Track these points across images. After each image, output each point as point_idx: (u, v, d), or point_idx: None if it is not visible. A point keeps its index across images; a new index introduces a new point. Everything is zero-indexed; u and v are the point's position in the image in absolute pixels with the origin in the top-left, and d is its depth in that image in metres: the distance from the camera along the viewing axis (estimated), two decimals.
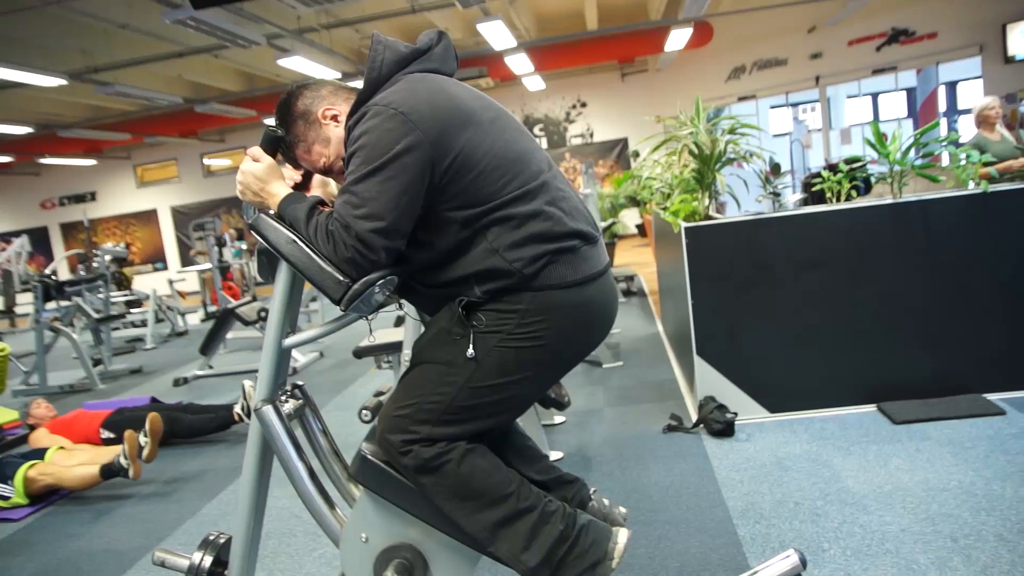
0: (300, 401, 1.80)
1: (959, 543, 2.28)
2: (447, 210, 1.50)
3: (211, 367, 6.41)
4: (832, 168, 3.79)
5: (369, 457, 1.61)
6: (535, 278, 1.50)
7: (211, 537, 1.85)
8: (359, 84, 1.59)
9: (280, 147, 1.63)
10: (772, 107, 15.58)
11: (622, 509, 1.82)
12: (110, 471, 3.49)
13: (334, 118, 1.63)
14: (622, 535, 1.62)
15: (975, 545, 2.26)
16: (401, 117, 1.44)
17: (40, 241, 16.68)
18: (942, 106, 13.22)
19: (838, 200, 3.68)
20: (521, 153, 1.56)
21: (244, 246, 10.60)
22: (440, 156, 1.46)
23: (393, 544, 1.62)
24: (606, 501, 1.81)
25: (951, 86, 14.33)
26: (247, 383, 4.38)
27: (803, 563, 1.74)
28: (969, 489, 2.62)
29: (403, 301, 1.79)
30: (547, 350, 1.54)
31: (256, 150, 1.58)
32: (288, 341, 1.65)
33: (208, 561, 1.79)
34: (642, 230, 14.12)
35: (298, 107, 1.64)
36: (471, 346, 1.50)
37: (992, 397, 3.42)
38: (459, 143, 1.48)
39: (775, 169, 3.73)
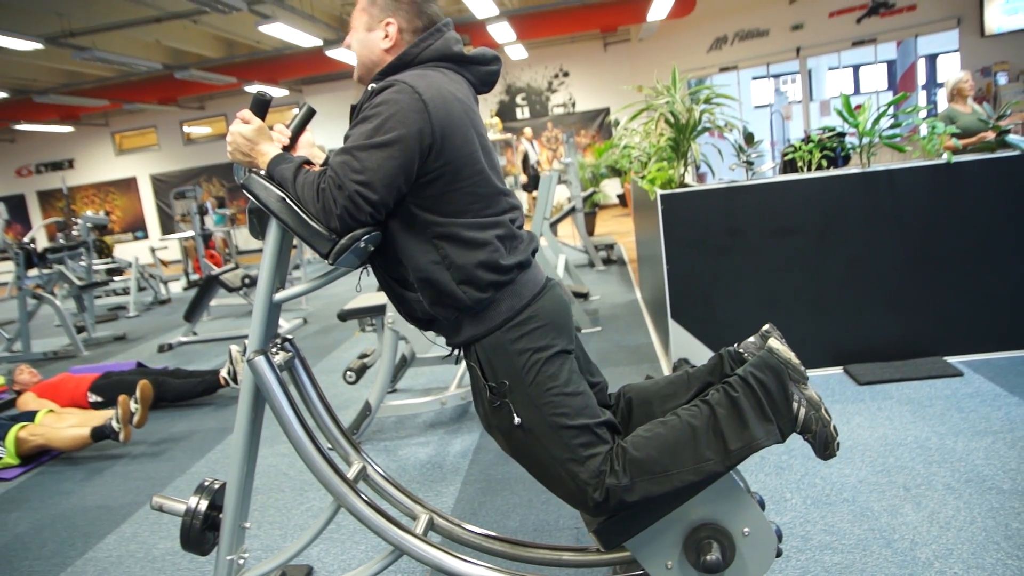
0: (290, 354, 1.89)
1: (911, 492, 2.43)
2: (415, 207, 1.59)
3: (195, 333, 6.47)
4: (808, 139, 3.90)
5: (601, 527, 1.68)
6: (484, 315, 1.63)
7: (206, 483, 1.95)
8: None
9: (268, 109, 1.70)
10: (754, 78, 15.65)
11: (766, 326, 1.90)
12: (101, 433, 3.56)
13: (387, 34, 1.68)
14: (774, 342, 1.73)
15: (925, 494, 2.41)
16: (421, 104, 1.52)
17: (17, 209, 16.47)
18: (921, 79, 13.34)
19: (809, 169, 3.79)
20: (495, 194, 1.67)
21: (228, 212, 10.56)
22: (435, 155, 1.55)
23: (682, 542, 1.70)
24: (751, 339, 1.89)
25: (930, 59, 14.47)
26: (234, 347, 4.48)
27: (761, 505, 1.86)
28: (924, 444, 2.77)
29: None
30: (550, 351, 1.65)
31: (246, 112, 1.65)
32: (279, 296, 1.74)
33: (204, 505, 1.88)
34: (623, 200, 14.22)
35: None
36: (514, 415, 1.62)
37: (952, 360, 3.58)
38: (454, 154, 1.57)
39: (749, 139, 3.82)
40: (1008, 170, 3.53)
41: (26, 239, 7.24)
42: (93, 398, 4.35)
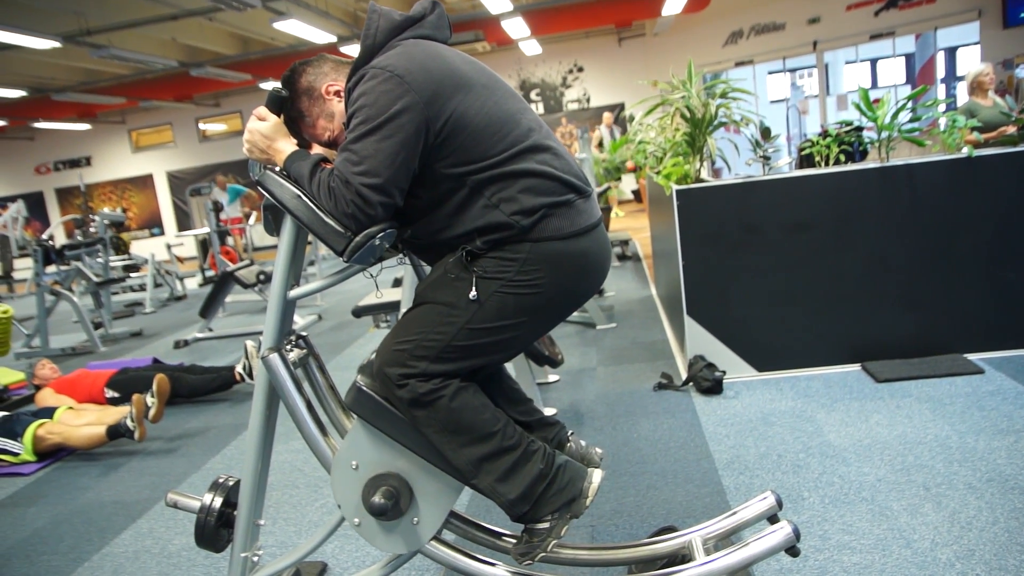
0: (304, 351, 1.89)
1: (931, 491, 2.40)
2: (443, 167, 1.57)
3: (211, 329, 6.50)
4: (825, 133, 3.86)
5: (364, 388, 1.68)
6: (533, 229, 1.58)
7: (220, 480, 1.95)
8: (355, 49, 1.66)
9: (286, 119, 1.69)
10: (770, 73, 15.53)
11: (598, 450, 1.93)
12: (116, 432, 3.58)
13: (337, 93, 1.70)
14: (596, 475, 1.74)
15: (946, 493, 2.37)
16: (397, 79, 1.51)
17: (35, 206, 16.66)
18: (940, 72, 13.18)
19: (827, 164, 3.75)
20: (512, 113, 1.64)
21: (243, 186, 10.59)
22: (434, 116, 1.54)
23: (381, 472, 1.71)
24: (583, 443, 1.92)
25: (950, 52, 14.29)
26: (250, 343, 4.49)
27: (779, 503, 1.85)
28: (944, 442, 2.73)
29: (407, 256, 1.88)
30: (544, 297, 1.62)
31: (262, 109, 1.65)
32: (293, 292, 1.74)
33: (218, 502, 1.89)
34: (638, 195, 14.14)
35: (302, 84, 1.70)
36: (473, 288, 1.58)
37: (972, 357, 3.53)
38: (452, 105, 1.56)
39: (765, 133, 3.79)
40: None
41: (44, 236, 7.32)
42: (110, 394, 4.38)
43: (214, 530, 1.88)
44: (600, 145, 11.54)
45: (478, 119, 1.57)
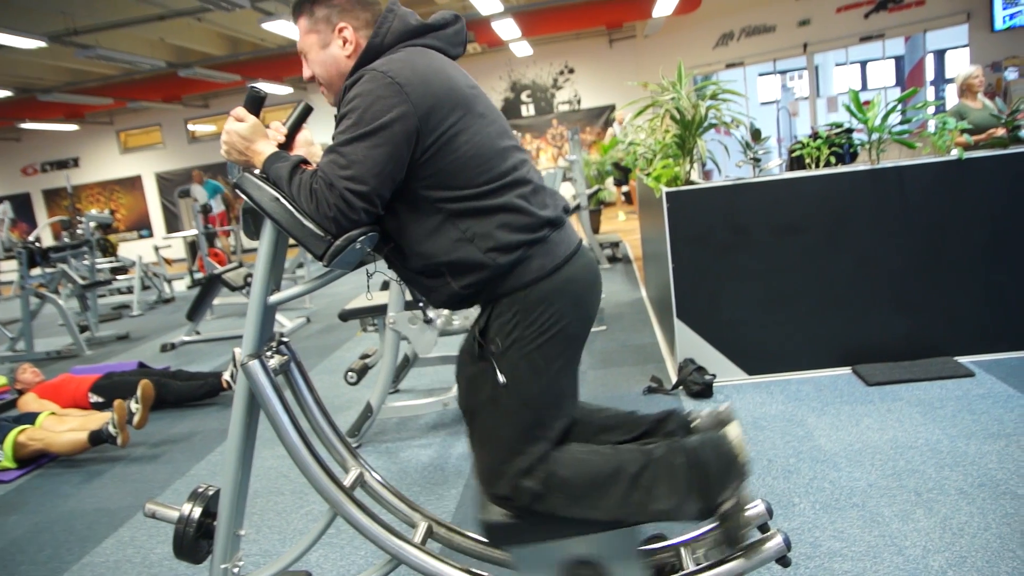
0: (286, 357, 1.85)
1: (922, 496, 2.37)
2: (422, 188, 1.54)
3: (198, 333, 6.44)
4: (815, 135, 3.84)
5: (492, 520, 1.64)
6: (511, 274, 1.55)
7: (200, 489, 1.91)
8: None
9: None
10: (760, 75, 15.56)
11: (723, 407, 1.83)
12: (98, 438, 3.53)
13: (344, 40, 1.63)
14: (733, 429, 1.67)
15: (937, 498, 2.35)
16: (396, 87, 1.47)
17: (22, 207, 16.49)
18: (930, 74, 13.23)
19: (817, 166, 3.73)
20: (501, 150, 1.60)
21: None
22: (426, 132, 1.50)
23: (560, 571, 1.66)
24: (704, 411, 1.84)
25: (939, 54, 14.34)
26: (238, 350, 4.44)
27: (769, 512, 1.81)
28: (935, 447, 2.71)
29: (370, 267, 1.83)
30: (562, 334, 1.59)
31: (240, 110, 1.61)
32: (273, 298, 1.70)
33: (197, 512, 1.84)
34: (628, 197, 14.14)
35: (319, 10, 1.63)
36: (499, 373, 1.55)
37: (963, 360, 3.51)
38: (446, 124, 1.52)
39: (756, 135, 3.77)
40: (1021, 166, 3.46)
41: (31, 238, 7.23)
42: (94, 399, 4.32)
43: (193, 541, 1.84)
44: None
45: (467, 147, 1.54)
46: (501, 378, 1.55)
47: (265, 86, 13.05)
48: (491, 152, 1.57)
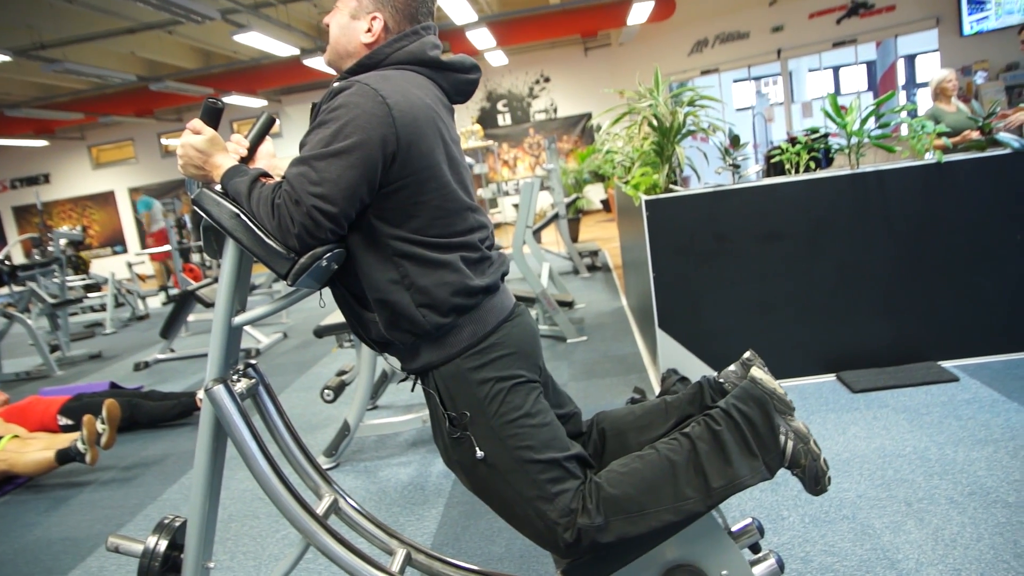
0: (253, 380, 1.77)
1: (913, 507, 2.33)
2: (375, 219, 1.47)
3: (172, 350, 6.30)
4: (793, 141, 3.81)
5: (569, 566, 1.57)
6: (443, 341, 1.51)
7: (166, 521, 1.82)
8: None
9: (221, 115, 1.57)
10: (735, 81, 15.65)
11: (747, 354, 1.77)
12: (66, 456, 3.41)
13: (371, 28, 1.55)
14: (756, 372, 1.61)
15: (928, 508, 2.31)
16: (385, 108, 1.40)
17: None
18: (901, 79, 13.38)
19: (797, 172, 3.70)
20: (465, 208, 1.55)
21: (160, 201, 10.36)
22: (399, 165, 1.43)
23: None
24: (731, 367, 1.78)
25: (909, 59, 14.51)
26: None
27: (760, 531, 1.76)
28: (923, 454, 2.67)
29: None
30: (514, 382, 1.54)
31: (197, 122, 1.52)
32: (238, 319, 1.61)
33: (163, 545, 1.75)
34: (607, 205, 14.14)
35: None
36: (477, 446, 1.50)
37: (946, 364, 3.49)
38: (420, 164, 1.45)
39: (735, 141, 3.73)
40: (999, 169, 3.45)
41: (0, 256, 7.06)
42: (63, 421, 4.17)
43: None
44: None
45: (433, 196, 1.48)
46: (479, 453, 1.50)
47: (238, 99, 12.96)
48: (454, 210, 1.52)
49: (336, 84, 1.47)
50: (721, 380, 1.76)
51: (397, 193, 1.45)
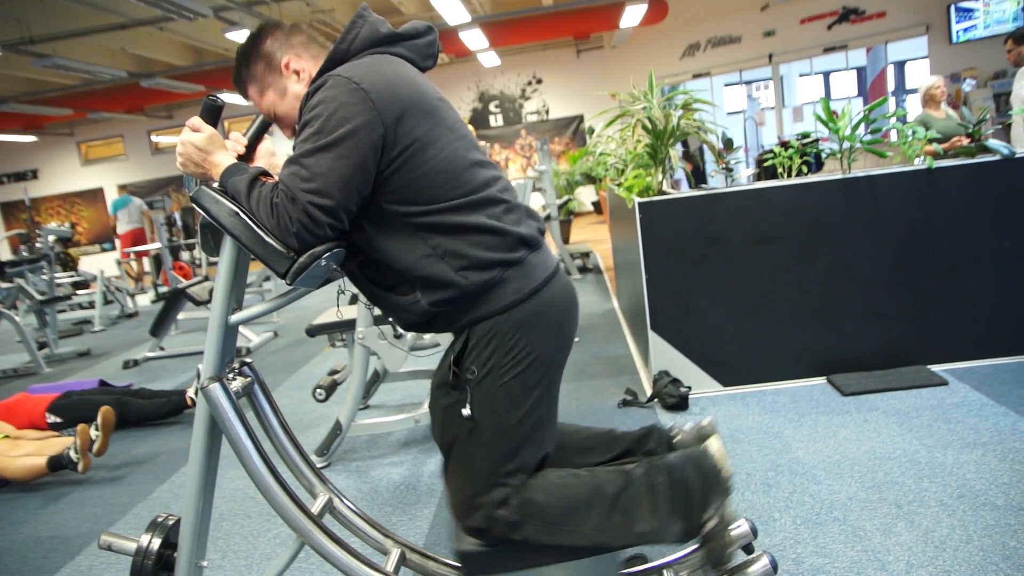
0: (248, 379, 1.76)
1: (903, 509, 2.35)
2: (387, 203, 1.46)
3: (162, 348, 6.27)
4: (784, 145, 3.84)
5: (468, 550, 1.57)
6: (486, 297, 1.49)
7: (159, 519, 1.81)
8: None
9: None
10: (726, 85, 15.70)
11: (706, 420, 1.78)
12: (58, 463, 3.39)
13: (296, 73, 1.58)
14: (714, 444, 1.63)
15: (918, 511, 2.33)
16: (362, 93, 1.39)
17: None
18: (891, 85, 13.47)
19: (789, 176, 3.73)
20: (471, 164, 1.53)
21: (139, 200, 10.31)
22: (392, 142, 1.42)
23: None
24: (687, 426, 1.79)
25: (899, 65, 14.60)
26: (203, 366, 4.31)
27: (754, 532, 1.77)
28: (913, 457, 2.69)
29: (341, 283, 1.76)
30: (540, 361, 1.53)
31: (196, 120, 1.53)
32: (234, 317, 1.61)
33: (156, 543, 1.75)
34: (598, 207, 14.17)
35: (264, 47, 1.58)
36: (468, 406, 1.49)
37: (936, 368, 3.52)
38: (414, 135, 1.44)
39: (728, 144, 3.75)
40: (989, 175, 3.49)
41: None
42: (52, 419, 4.15)
43: (152, 574, 1.74)
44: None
45: (435, 161, 1.46)
46: (467, 411, 1.49)
47: (230, 97, 12.90)
48: (461, 167, 1.50)
49: (311, 86, 1.47)
50: (673, 434, 1.77)
51: (400, 170, 1.44)
